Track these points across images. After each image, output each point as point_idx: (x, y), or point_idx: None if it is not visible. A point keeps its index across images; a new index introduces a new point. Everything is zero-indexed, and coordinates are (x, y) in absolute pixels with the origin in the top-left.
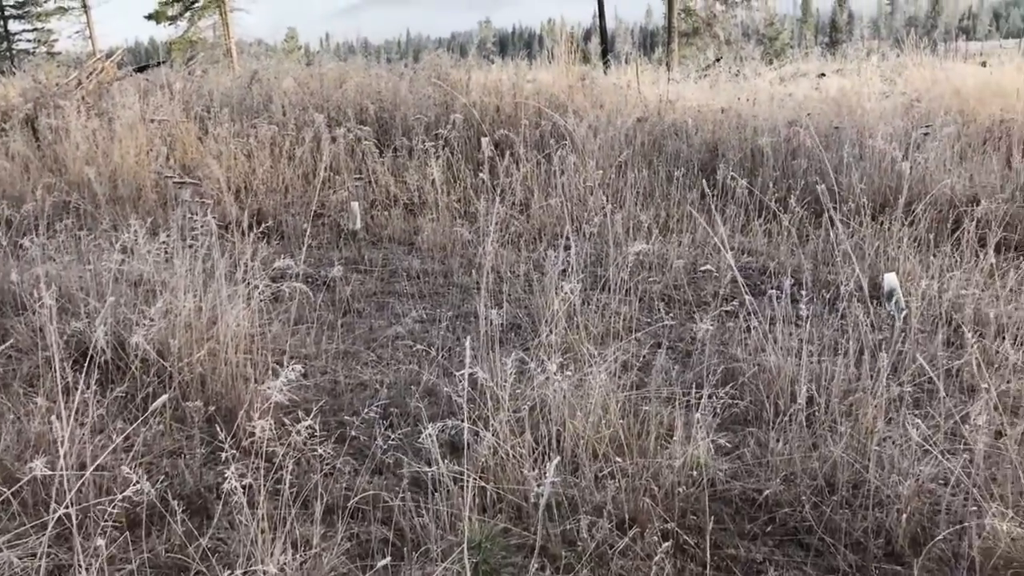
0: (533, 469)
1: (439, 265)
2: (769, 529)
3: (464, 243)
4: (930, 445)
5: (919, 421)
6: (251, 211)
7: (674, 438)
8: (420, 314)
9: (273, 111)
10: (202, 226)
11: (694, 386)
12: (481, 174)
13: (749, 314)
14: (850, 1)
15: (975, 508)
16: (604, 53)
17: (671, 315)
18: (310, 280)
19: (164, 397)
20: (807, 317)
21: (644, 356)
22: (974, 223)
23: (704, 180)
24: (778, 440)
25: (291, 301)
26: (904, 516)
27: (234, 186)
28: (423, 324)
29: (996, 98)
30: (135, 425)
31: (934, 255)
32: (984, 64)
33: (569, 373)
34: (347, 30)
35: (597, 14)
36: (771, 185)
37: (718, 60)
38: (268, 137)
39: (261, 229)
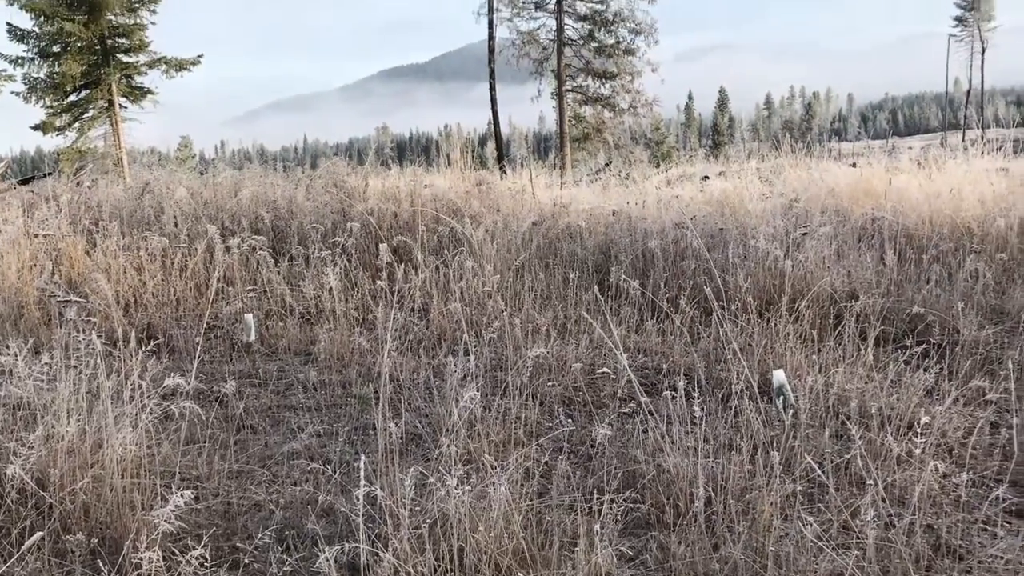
0: None
1: (337, 376)
2: None
3: (362, 352)
4: (824, 541)
5: (811, 519)
6: (141, 326)
7: (577, 547)
8: (317, 428)
9: (165, 222)
10: (87, 345)
11: (596, 491)
12: (379, 281)
13: (647, 415)
14: (730, 105)
15: None
16: (500, 158)
17: (571, 418)
18: (202, 396)
19: (39, 535)
20: (701, 416)
21: (546, 462)
22: (854, 318)
23: (599, 282)
24: (679, 543)
25: (182, 420)
26: None
27: (123, 301)
28: (320, 438)
29: (867, 197)
30: (9, 564)
31: (819, 350)
32: (855, 165)
33: (469, 487)
34: (243, 136)
35: (492, 120)
36: (662, 285)
37: (608, 164)
38: (159, 249)
39: (151, 345)
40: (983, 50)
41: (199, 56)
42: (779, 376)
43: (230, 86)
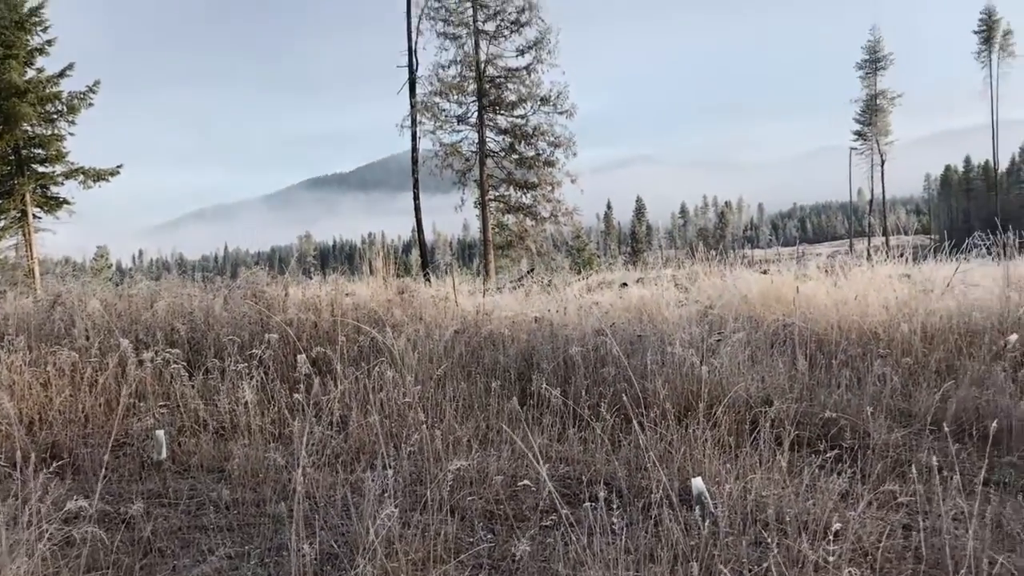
0: None
1: (251, 494)
2: None
3: (278, 468)
4: None
5: None
6: (45, 445)
7: None
8: (229, 550)
9: (76, 335)
10: None
11: None
12: (296, 394)
13: (568, 527)
14: (647, 214)
15: None
16: (424, 265)
17: (493, 532)
18: (108, 519)
19: None
20: (622, 527)
21: None
22: (769, 423)
23: (521, 390)
24: None
25: (84, 546)
26: None
27: (27, 419)
28: (232, 560)
29: (779, 304)
30: None
31: (736, 456)
32: (766, 272)
33: None
34: (163, 246)
35: (416, 228)
36: (584, 393)
37: (531, 271)
38: (69, 363)
39: (55, 466)
40: (882, 162)
41: (118, 166)
42: (698, 484)
43: (152, 196)
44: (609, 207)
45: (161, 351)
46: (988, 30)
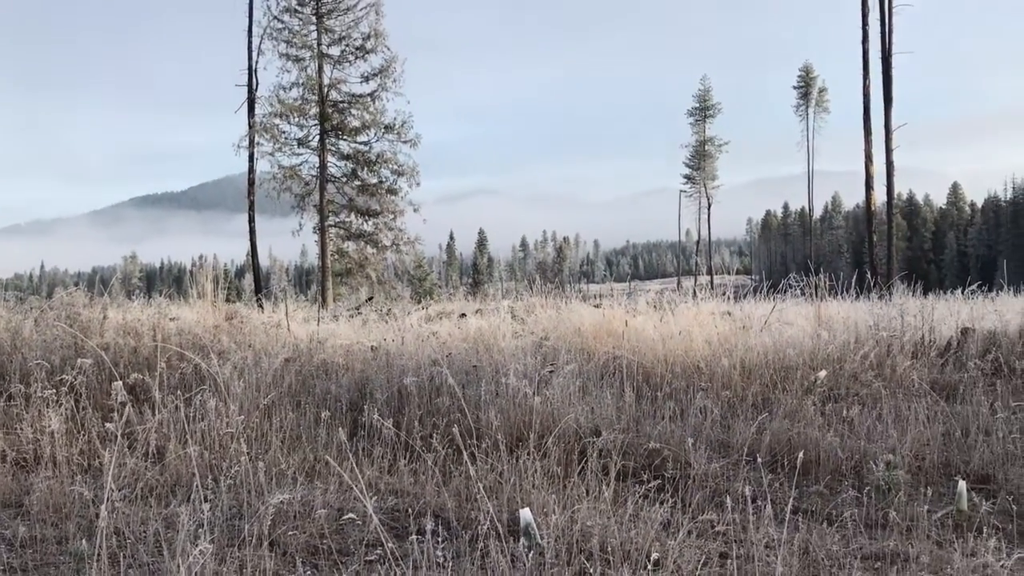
0: None
1: (52, 530)
2: None
3: (84, 502)
4: None
5: None
6: None
7: None
8: None
9: None
10: None
11: None
12: (109, 424)
13: (392, 562)
14: (489, 246)
15: None
16: (258, 290)
17: (316, 568)
18: None
19: None
20: (450, 559)
21: None
22: (597, 453)
23: (353, 420)
24: None
25: None
26: None
27: None
28: None
29: (610, 337)
30: None
31: (564, 486)
32: (598, 306)
33: None
34: None
35: (251, 253)
36: (417, 423)
37: (370, 299)
38: None
39: None
40: (709, 205)
41: None
42: (525, 515)
43: None
44: (452, 238)
45: None
46: (806, 86)
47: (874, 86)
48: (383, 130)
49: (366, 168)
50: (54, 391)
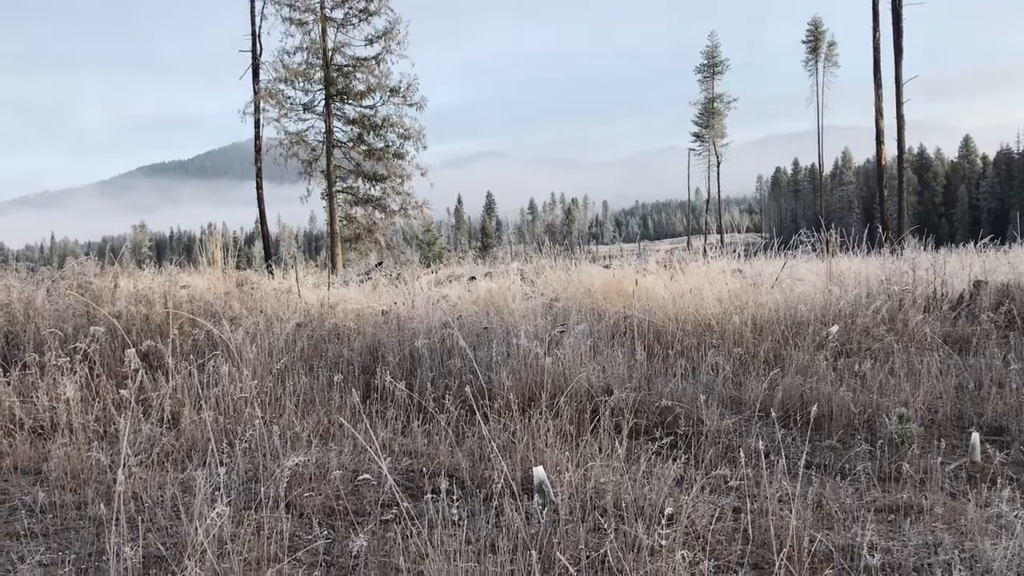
0: None
1: (71, 496)
2: None
3: (101, 468)
4: None
5: None
6: None
7: None
8: (43, 557)
9: None
10: None
11: None
12: (123, 390)
13: (408, 521)
14: (497, 209)
15: None
16: (267, 257)
17: (333, 529)
18: None
19: None
20: (461, 518)
21: None
22: (609, 412)
23: (365, 383)
24: None
25: None
26: None
27: None
28: (46, 568)
29: (620, 297)
30: None
31: (577, 445)
32: (608, 266)
33: None
34: None
35: (259, 219)
36: (429, 385)
37: (380, 264)
38: None
39: None
40: (718, 163)
41: None
42: (539, 473)
43: None
44: (460, 201)
45: None
46: (815, 41)
47: (884, 38)
48: (388, 93)
49: (372, 132)
50: (68, 359)
